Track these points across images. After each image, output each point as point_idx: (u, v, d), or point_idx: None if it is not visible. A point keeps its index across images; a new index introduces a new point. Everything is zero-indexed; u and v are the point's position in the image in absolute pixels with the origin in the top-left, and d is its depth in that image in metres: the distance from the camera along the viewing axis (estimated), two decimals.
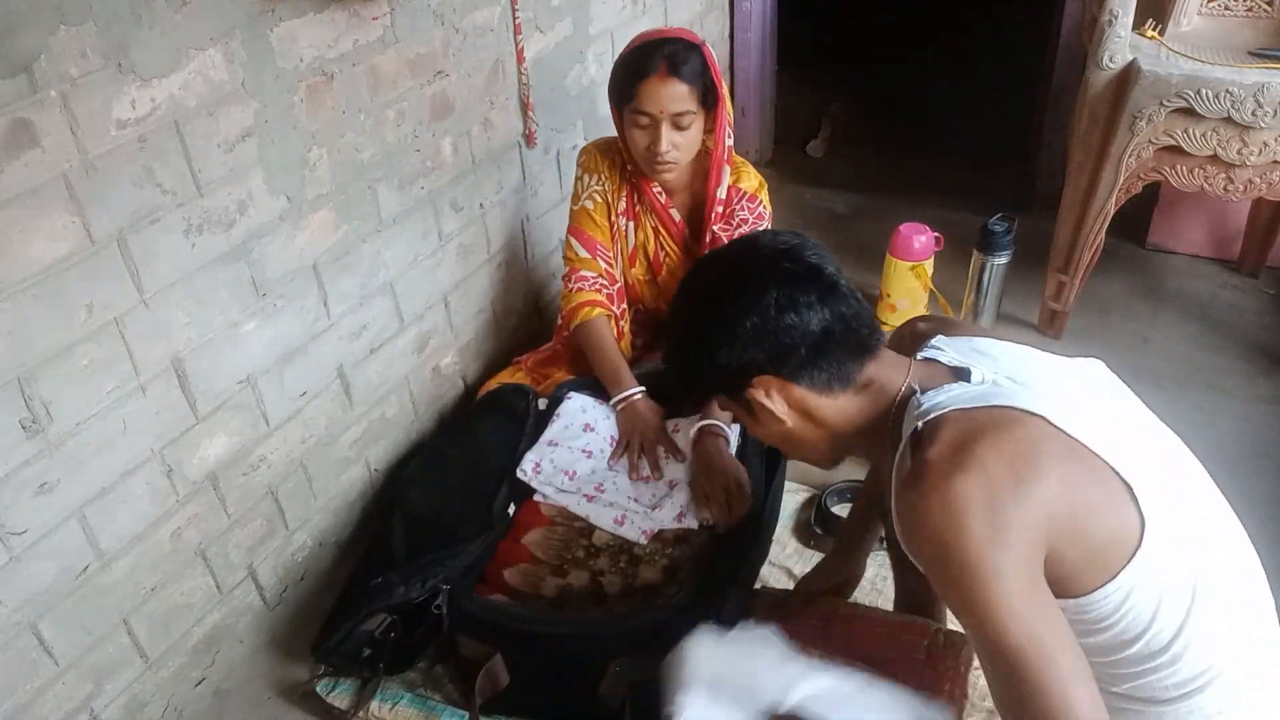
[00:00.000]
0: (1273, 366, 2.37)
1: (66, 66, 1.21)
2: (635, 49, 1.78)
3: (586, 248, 1.95)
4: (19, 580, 1.33)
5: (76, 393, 1.34)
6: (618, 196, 1.96)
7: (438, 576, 1.54)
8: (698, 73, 1.74)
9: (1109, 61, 2.12)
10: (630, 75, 1.75)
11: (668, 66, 1.71)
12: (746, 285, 1.07)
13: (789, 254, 1.08)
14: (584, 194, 1.95)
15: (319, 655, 1.60)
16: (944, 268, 2.58)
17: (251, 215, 1.54)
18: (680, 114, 1.74)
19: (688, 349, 1.14)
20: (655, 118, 1.74)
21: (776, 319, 1.05)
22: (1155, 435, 1.10)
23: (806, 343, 1.06)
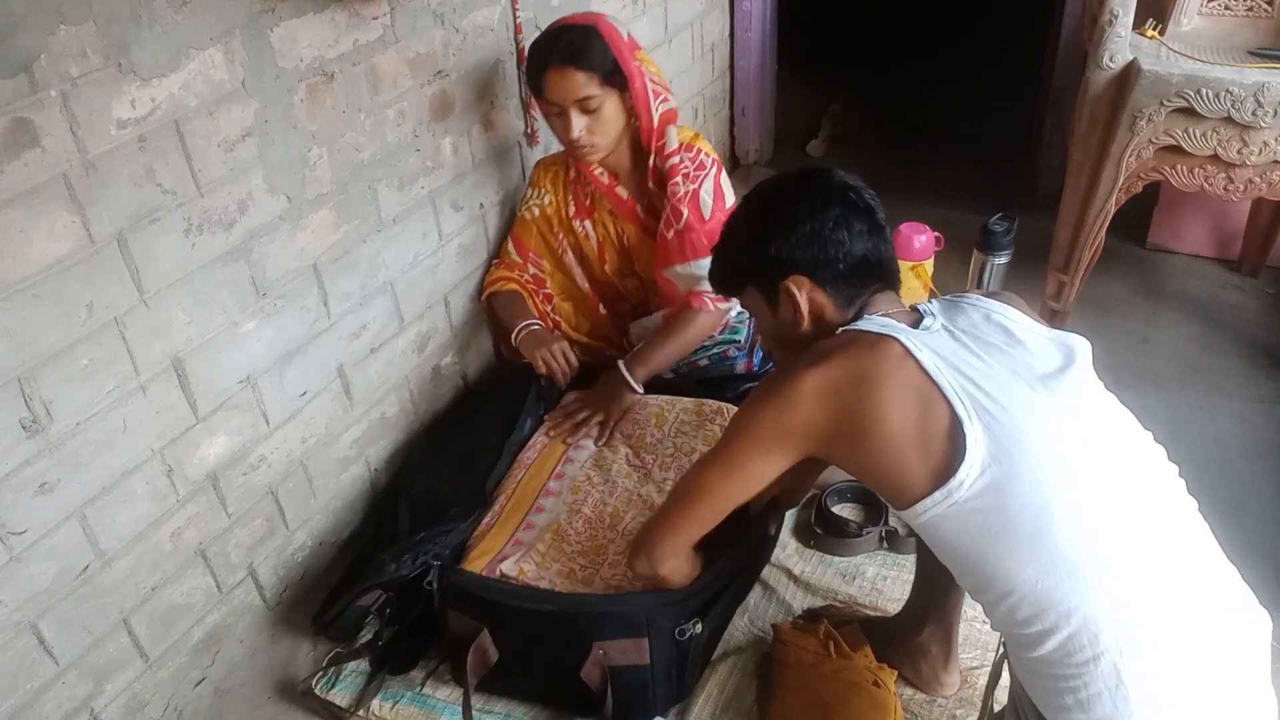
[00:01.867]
0: (1273, 366, 2.37)
1: (66, 66, 1.21)
2: (537, 41, 1.84)
3: (519, 252, 2.09)
4: (19, 580, 1.33)
5: (76, 393, 1.34)
6: (565, 202, 2.05)
7: (428, 553, 1.59)
8: (596, 57, 1.78)
9: (1109, 61, 2.12)
10: (534, 68, 1.83)
11: (561, 57, 1.77)
12: (815, 196, 1.25)
13: (855, 189, 1.27)
14: (523, 206, 2.09)
15: (318, 628, 1.67)
16: (944, 268, 2.58)
17: (251, 215, 1.54)
18: (584, 99, 1.80)
19: (746, 234, 1.32)
20: (562, 105, 1.81)
21: (832, 231, 1.23)
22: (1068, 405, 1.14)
23: (847, 260, 1.24)
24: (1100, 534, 1.07)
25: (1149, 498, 1.14)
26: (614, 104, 1.84)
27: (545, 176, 2.06)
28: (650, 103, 1.88)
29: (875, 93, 4.17)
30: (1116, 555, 1.07)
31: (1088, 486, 1.10)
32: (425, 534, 1.63)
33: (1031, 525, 1.07)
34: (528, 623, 1.49)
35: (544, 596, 1.53)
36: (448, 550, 1.64)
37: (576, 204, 2.04)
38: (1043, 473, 1.08)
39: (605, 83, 1.80)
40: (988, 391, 1.11)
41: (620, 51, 1.81)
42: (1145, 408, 2.19)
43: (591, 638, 1.45)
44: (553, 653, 1.49)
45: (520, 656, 1.52)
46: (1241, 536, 1.86)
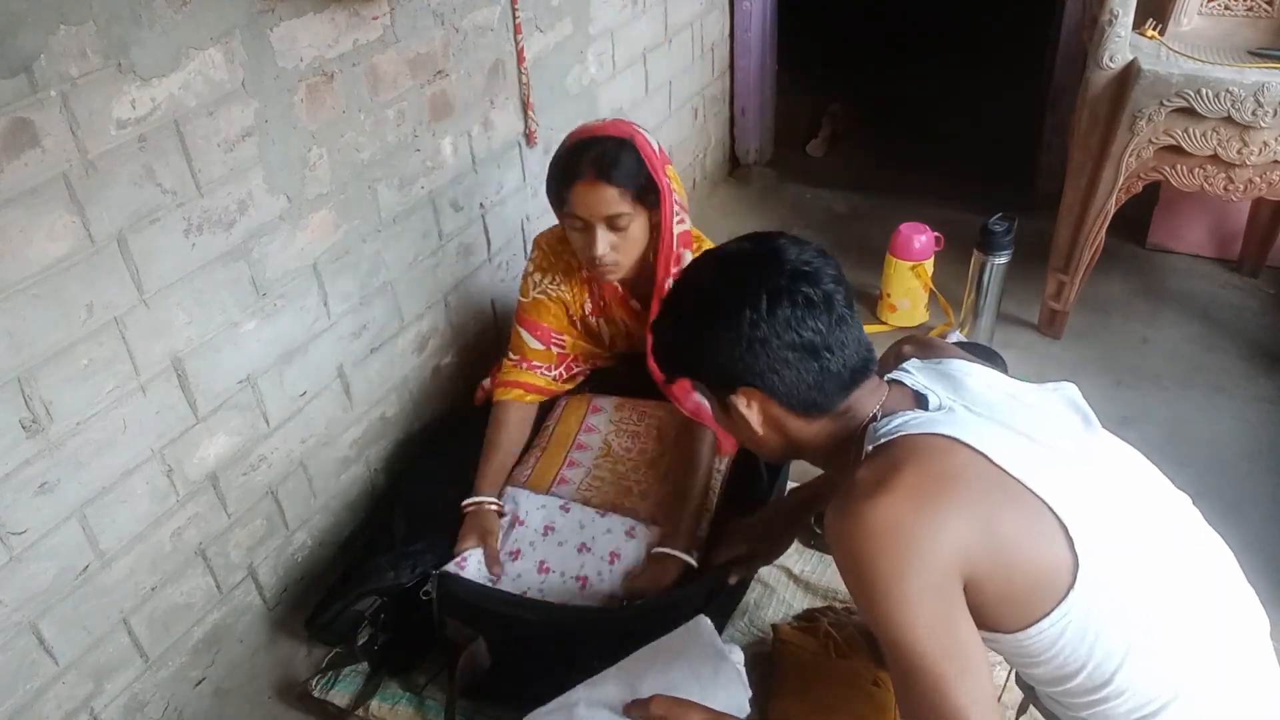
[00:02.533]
0: (1273, 366, 2.37)
1: (66, 66, 1.21)
2: (564, 151, 1.66)
3: (540, 339, 1.86)
4: (19, 580, 1.33)
5: (76, 392, 1.34)
6: (580, 297, 1.86)
7: (427, 563, 1.58)
8: (630, 173, 1.61)
9: (1109, 61, 2.12)
10: (561, 180, 1.64)
11: (595, 171, 1.59)
12: (760, 297, 1.06)
13: (810, 277, 1.08)
14: (534, 289, 1.85)
15: (312, 630, 1.64)
16: (944, 268, 2.58)
17: (251, 215, 1.54)
18: (614, 216, 1.62)
19: (687, 332, 1.14)
20: (588, 221, 1.63)
21: (781, 337, 1.06)
22: (1113, 469, 1.08)
23: (801, 371, 1.07)
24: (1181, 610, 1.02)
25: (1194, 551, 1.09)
26: (642, 223, 1.67)
27: (558, 265, 1.83)
28: (673, 223, 1.70)
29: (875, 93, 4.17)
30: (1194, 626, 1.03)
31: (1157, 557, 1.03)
32: (424, 543, 1.62)
33: (1139, 614, 0.99)
34: (524, 632, 1.49)
35: (540, 607, 1.53)
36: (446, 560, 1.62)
37: (593, 303, 1.85)
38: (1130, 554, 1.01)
39: (637, 200, 1.63)
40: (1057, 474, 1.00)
41: (655, 168, 1.64)
42: (1145, 408, 2.21)
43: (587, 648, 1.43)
44: (550, 661, 1.49)
45: (517, 664, 1.52)
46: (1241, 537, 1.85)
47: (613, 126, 1.68)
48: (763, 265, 1.10)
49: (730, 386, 1.11)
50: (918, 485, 0.97)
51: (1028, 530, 0.98)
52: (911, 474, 0.98)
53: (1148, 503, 1.09)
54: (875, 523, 0.96)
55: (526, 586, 1.57)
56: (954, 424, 1.03)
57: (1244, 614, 1.09)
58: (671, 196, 1.68)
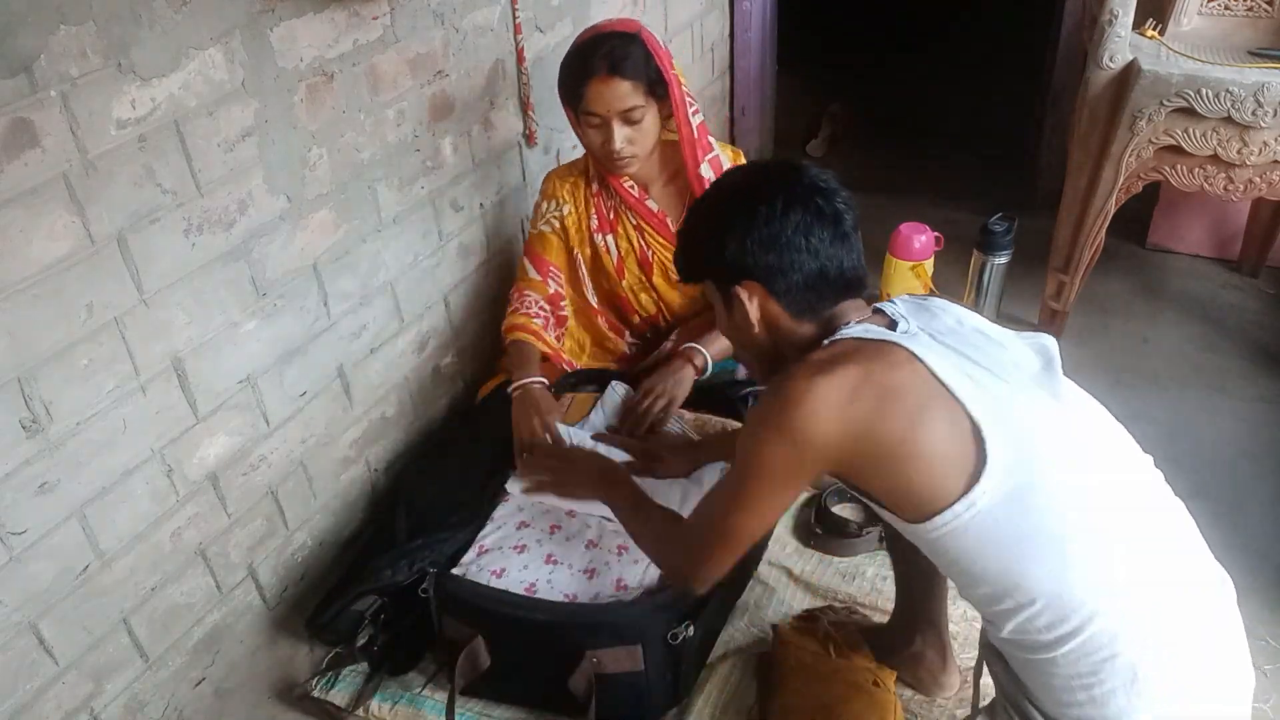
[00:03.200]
0: (1273, 366, 2.37)
1: (66, 66, 1.21)
2: (576, 50, 1.77)
3: (538, 269, 1.97)
4: (19, 580, 1.33)
5: (76, 393, 1.34)
6: (586, 215, 1.96)
7: (424, 561, 1.57)
8: (640, 66, 1.73)
9: (1109, 61, 2.12)
10: (574, 78, 1.75)
11: (608, 66, 1.71)
12: (778, 199, 1.17)
13: (824, 191, 1.19)
14: (540, 220, 1.98)
15: (312, 630, 1.65)
16: (944, 267, 2.58)
17: (251, 215, 1.54)
18: (629, 110, 1.74)
19: (704, 228, 1.25)
20: (604, 117, 1.75)
21: (789, 239, 1.17)
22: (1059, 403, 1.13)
23: (802, 272, 1.18)
24: (1111, 534, 1.06)
25: (1142, 490, 1.14)
26: (654, 115, 1.79)
27: (562, 188, 1.96)
28: (688, 113, 1.83)
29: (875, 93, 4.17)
30: (1127, 555, 1.06)
31: (1096, 486, 1.08)
32: (423, 541, 1.62)
33: (1054, 530, 1.05)
34: (522, 631, 1.49)
35: (538, 605, 1.52)
36: (444, 558, 1.61)
37: (599, 217, 1.96)
38: (1059, 476, 1.06)
39: (649, 93, 1.75)
40: (995, 395, 1.07)
41: (662, 60, 1.76)
42: (1145, 408, 2.21)
43: (584, 646, 1.45)
44: (547, 660, 1.49)
45: (515, 663, 1.52)
46: (1241, 536, 1.87)
47: (619, 24, 1.79)
48: (784, 174, 1.22)
49: (736, 278, 1.20)
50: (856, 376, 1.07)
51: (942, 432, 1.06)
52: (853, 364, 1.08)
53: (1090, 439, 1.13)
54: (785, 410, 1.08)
55: (535, 578, 1.57)
56: (909, 340, 1.11)
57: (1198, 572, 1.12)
58: (680, 86, 1.80)
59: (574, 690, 1.47)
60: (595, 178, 1.95)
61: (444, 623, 1.54)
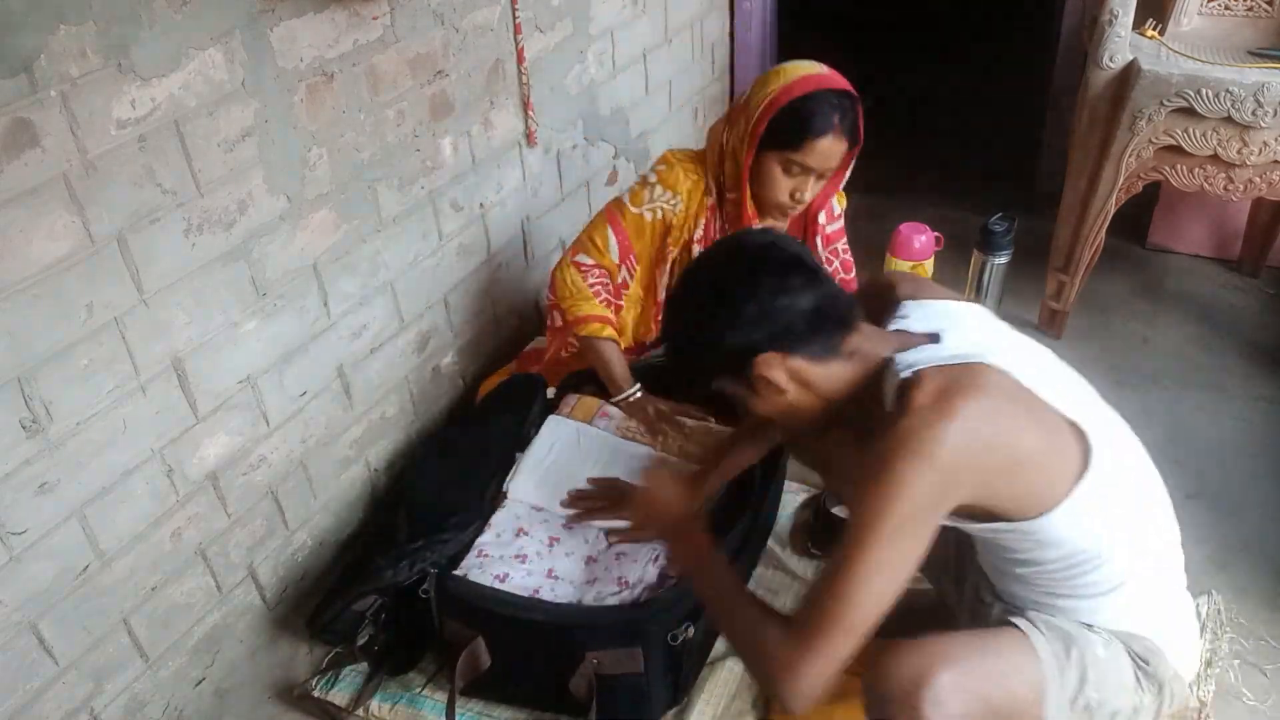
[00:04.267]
0: (1273, 366, 2.37)
1: (66, 66, 1.21)
2: (809, 100, 1.69)
3: (620, 253, 1.87)
4: (19, 580, 1.33)
5: (76, 393, 1.34)
6: (694, 222, 1.86)
7: (425, 561, 1.57)
8: (858, 134, 1.76)
9: (1109, 61, 2.12)
10: (803, 127, 1.69)
11: (842, 129, 1.71)
12: (742, 275, 1.20)
13: (773, 247, 1.22)
14: (647, 203, 1.85)
15: (312, 629, 1.65)
16: (944, 268, 2.58)
17: (251, 215, 1.54)
18: (827, 171, 1.77)
19: (693, 339, 1.25)
20: (815, 171, 1.75)
21: (772, 301, 1.17)
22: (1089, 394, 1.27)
23: (801, 319, 1.18)
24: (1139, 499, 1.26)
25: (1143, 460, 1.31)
26: None
27: (685, 182, 1.84)
28: None
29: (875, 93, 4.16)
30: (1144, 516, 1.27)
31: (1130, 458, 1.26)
32: (424, 542, 1.61)
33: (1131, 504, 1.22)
34: (522, 632, 1.49)
35: (538, 607, 1.52)
36: (445, 559, 1.60)
37: (705, 229, 1.87)
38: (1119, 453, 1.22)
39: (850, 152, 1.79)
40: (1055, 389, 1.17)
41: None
42: (1145, 408, 2.21)
43: (584, 648, 1.45)
44: (547, 661, 1.50)
45: (515, 664, 1.52)
46: (1241, 536, 1.87)
47: (839, 80, 1.75)
48: (733, 256, 1.25)
49: (750, 362, 1.20)
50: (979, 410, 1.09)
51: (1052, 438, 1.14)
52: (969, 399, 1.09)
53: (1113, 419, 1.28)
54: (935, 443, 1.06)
55: (538, 585, 1.58)
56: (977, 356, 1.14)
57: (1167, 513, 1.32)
58: None
59: (575, 691, 1.47)
60: (718, 191, 1.86)
61: (444, 624, 1.54)
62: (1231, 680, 1.58)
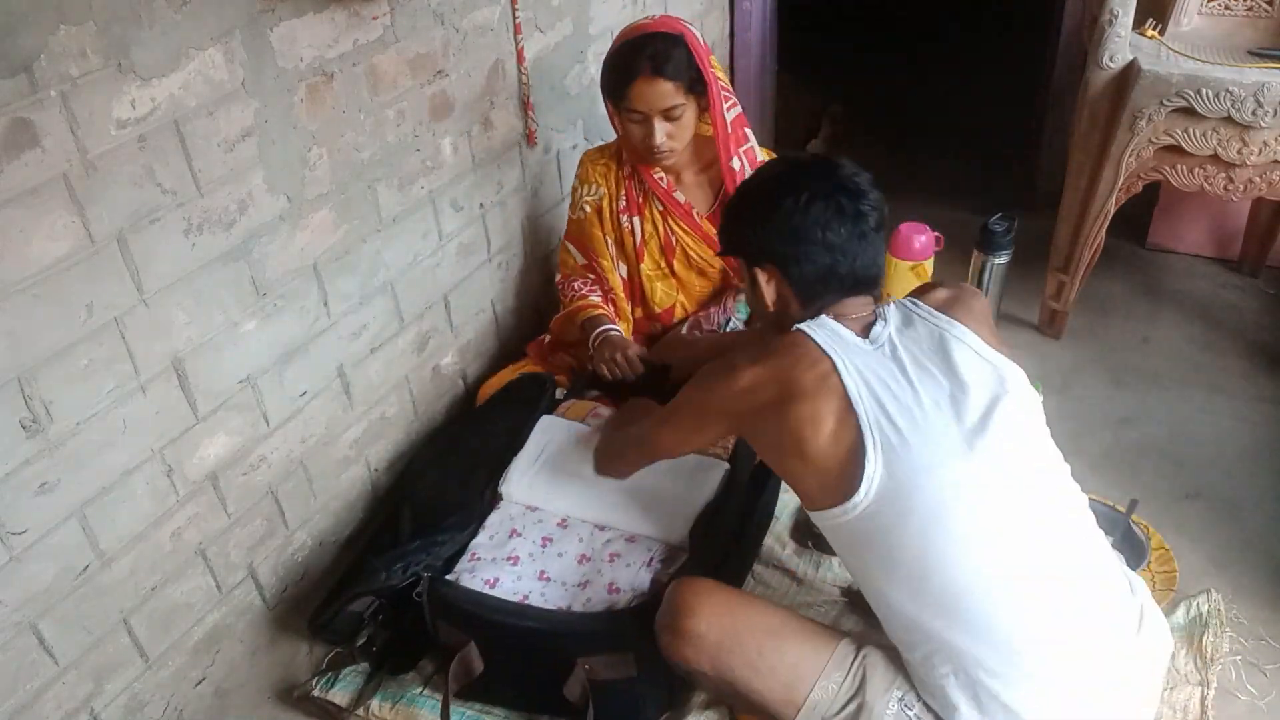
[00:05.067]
0: (1273, 366, 2.37)
1: (66, 66, 1.21)
2: (620, 49, 1.85)
3: (584, 254, 2.09)
4: (19, 580, 1.33)
5: (76, 392, 1.34)
6: (616, 197, 2.04)
7: (419, 564, 1.56)
8: (683, 67, 1.81)
9: (1109, 61, 2.12)
10: (618, 77, 1.83)
11: (652, 67, 1.79)
12: (804, 193, 1.29)
13: (851, 192, 1.30)
14: (577, 205, 2.07)
15: (313, 629, 1.65)
16: (944, 268, 2.58)
17: (251, 215, 1.54)
18: (670, 108, 1.83)
19: (739, 209, 1.40)
20: (646, 114, 1.83)
21: (807, 232, 1.28)
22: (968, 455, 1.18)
23: (815, 264, 1.29)
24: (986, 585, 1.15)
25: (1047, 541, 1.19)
26: (692, 111, 1.88)
27: (595, 170, 2.04)
28: (723, 108, 1.91)
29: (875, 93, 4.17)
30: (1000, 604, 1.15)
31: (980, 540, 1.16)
32: (420, 542, 1.61)
33: (913, 562, 1.16)
34: (513, 638, 1.49)
35: (530, 613, 1.52)
36: (440, 561, 1.60)
37: (628, 199, 2.03)
38: (932, 519, 1.15)
39: (688, 91, 1.83)
40: (900, 428, 1.17)
41: (702, 60, 1.84)
42: (1145, 408, 2.21)
43: (576, 654, 1.45)
44: (539, 666, 1.49)
45: (508, 668, 1.52)
46: (1241, 536, 1.87)
47: (663, 24, 1.86)
48: (816, 171, 1.33)
49: (759, 260, 1.35)
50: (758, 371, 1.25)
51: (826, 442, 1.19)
52: (768, 364, 1.25)
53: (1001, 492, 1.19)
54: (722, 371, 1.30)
55: (528, 590, 1.57)
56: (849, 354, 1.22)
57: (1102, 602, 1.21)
58: (717, 84, 1.89)
59: (569, 696, 1.46)
60: (628, 161, 2.02)
61: (438, 627, 1.54)
62: (1232, 679, 1.58)
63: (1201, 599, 1.68)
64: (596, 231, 2.06)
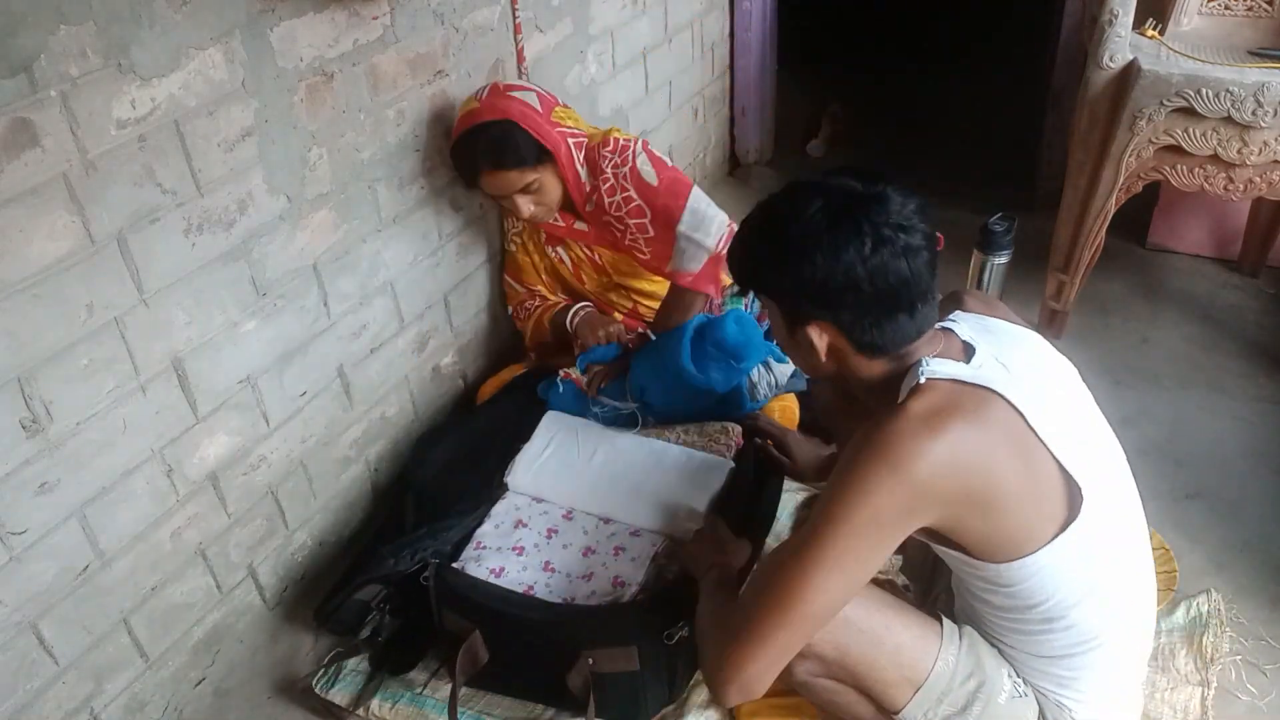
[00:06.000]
0: (1273, 366, 2.37)
1: (66, 66, 1.21)
2: (458, 143, 1.83)
3: (521, 284, 2.15)
4: (19, 580, 1.33)
5: (76, 392, 1.34)
6: (536, 232, 2.09)
7: (426, 550, 1.58)
8: (521, 152, 1.80)
9: (1109, 61, 2.12)
10: (466, 171, 1.87)
11: (492, 162, 1.80)
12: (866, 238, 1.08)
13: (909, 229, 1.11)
14: (508, 238, 2.14)
15: (319, 620, 1.66)
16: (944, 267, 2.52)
17: (251, 215, 1.54)
18: (524, 188, 1.85)
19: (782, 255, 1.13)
20: (507, 197, 1.87)
21: (875, 282, 1.09)
22: (1103, 438, 1.23)
23: (882, 316, 1.11)
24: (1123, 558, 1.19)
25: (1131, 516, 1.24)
26: (551, 174, 1.87)
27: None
28: (574, 159, 1.89)
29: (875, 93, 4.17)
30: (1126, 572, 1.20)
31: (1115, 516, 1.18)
32: (427, 529, 1.63)
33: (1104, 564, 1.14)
34: (517, 627, 1.50)
35: (534, 604, 1.53)
36: (448, 546, 1.63)
37: (547, 232, 2.07)
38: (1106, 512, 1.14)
39: (536, 164, 1.83)
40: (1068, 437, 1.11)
41: (542, 133, 1.81)
42: (1145, 408, 2.21)
43: (580, 646, 1.45)
44: (543, 657, 1.50)
45: (512, 658, 1.53)
46: (1241, 536, 1.87)
47: (489, 109, 1.80)
48: (871, 208, 1.11)
49: (808, 317, 1.14)
50: (965, 438, 1.04)
51: (1036, 485, 1.08)
52: (960, 423, 1.04)
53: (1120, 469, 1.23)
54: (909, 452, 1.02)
55: (533, 581, 1.58)
56: (994, 381, 1.10)
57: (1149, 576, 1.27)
58: (565, 143, 1.86)
59: (571, 688, 1.47)
60: None
61: (443, 614, 1.55)
62: (1232, 679, 1.58)
63: (1201, 599, 1.68)
64: (527, 260, 2.12)
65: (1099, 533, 1.13)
